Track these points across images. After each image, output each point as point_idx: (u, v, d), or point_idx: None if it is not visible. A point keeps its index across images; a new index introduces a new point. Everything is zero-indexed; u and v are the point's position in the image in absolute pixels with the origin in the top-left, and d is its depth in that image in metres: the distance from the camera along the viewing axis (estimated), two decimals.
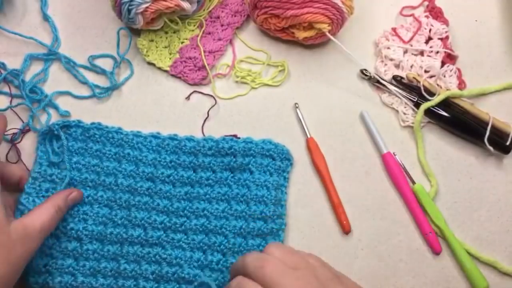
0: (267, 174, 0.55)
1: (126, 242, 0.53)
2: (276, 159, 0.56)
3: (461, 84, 0.60)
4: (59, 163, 0.55)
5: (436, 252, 0.55)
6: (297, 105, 0.59)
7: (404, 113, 0.60)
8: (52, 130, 0.55)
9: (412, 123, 0.59)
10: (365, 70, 0.60)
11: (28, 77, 0.59)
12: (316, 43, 0.61)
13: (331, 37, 0.58)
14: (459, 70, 0.61)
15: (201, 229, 0.54)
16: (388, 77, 0.61)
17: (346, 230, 0.55)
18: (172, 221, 0.54)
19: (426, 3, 0.63)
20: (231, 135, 0.57)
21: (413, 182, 0.57)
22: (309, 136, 0.58)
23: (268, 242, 0.53)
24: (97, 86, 0.59)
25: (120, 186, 0.54)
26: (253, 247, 0.53)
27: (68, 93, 0.59)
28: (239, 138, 0.57)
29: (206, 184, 0.55)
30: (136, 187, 0.54)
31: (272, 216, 0.54)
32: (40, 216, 0.48)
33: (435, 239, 0.55)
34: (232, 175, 0.55)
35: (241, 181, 0.55)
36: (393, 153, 0.58)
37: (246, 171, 0.55)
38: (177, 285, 0.53)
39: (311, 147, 0.57)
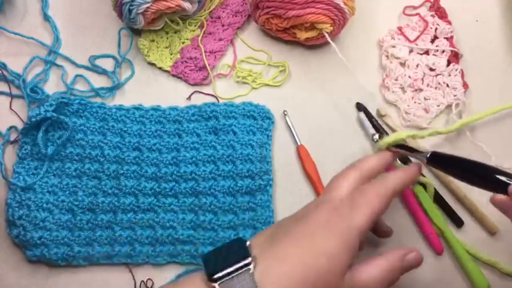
0: (250, 133, 0.56)
1: (119, 210, 0.54)
2: (258, 118, 0.57)
3: (464, 85, 0.60)
4: (44, 142, 0.54)
5: (438, 252, 0.54)
6: (285, 113, 0.59)
7: (406, 113, 0.59)
8: (40, 114, 0.54)
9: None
10: (359, 103, 0.59)
11: (28, 77, 0.59)
12: (317, 44, 0.61)
13: (330, 40, 0.57)
14: (462, 71, 0.60)
15: (190, 191, 0.55)
16: (392, 90, 0.60)
17: None
18: (161, 186, 0.55)
19: (428, 3, 0.63)
20: None
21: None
22: (299, 143, 0.58)
23: (257, 198, 0.55)
24: (101, 88, 0.59)
25: (107, 157, 0.55)
26: (243, 203, 0.54)
27: (69, 93, 0.59)
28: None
29: (192, 148, 0.56)
30: (123, 157, 0.55)
31: (259, 173, 0.55)
32: (371, 272, 0.43)
33: (436, 239, 0.55)
34: (216, 137, 0.56)
35: (226, 142, 0.56)
36: None
37: (229, 133, 0.56)
38: (172, 247, 0.54)
39: (301, 154, 0.57)
